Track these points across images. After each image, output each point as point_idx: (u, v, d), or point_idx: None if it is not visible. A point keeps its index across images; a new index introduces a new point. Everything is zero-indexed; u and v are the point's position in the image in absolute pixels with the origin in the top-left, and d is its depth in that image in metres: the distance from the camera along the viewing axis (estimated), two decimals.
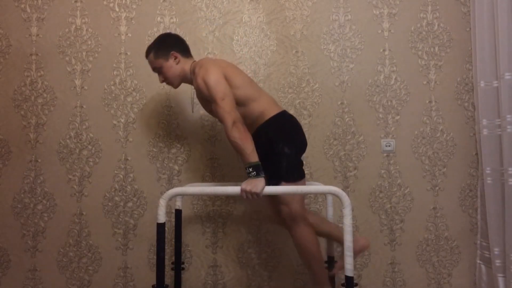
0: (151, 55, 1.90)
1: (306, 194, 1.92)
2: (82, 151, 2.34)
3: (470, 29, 2.33)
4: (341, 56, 2.36)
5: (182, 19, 2.38)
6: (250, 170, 1.63)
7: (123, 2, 2.39)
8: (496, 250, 2.11)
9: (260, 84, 2.32)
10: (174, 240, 2.12)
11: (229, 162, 2.32)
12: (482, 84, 2.20)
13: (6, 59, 2.38)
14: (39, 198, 2.33)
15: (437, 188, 2.31)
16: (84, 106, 2.36)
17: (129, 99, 2.36)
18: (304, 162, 1.95)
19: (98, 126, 2.35)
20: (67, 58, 2.37)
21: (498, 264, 2.10)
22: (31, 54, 2.37)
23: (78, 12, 2.39)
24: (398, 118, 2.33)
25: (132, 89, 2.35)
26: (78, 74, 2.37)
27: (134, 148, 2.34)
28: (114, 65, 2.36)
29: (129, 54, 2.36)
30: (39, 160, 2.34)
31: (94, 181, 2.33)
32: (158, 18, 2.38)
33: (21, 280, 2.30)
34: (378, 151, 2.32)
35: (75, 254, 2.31)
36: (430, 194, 2.31)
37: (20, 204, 2.33)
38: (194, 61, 1.94)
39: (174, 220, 2.10)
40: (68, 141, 2.34)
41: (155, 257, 1.67)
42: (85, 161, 2.33)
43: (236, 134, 1.65)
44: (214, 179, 2.33)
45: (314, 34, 2.37)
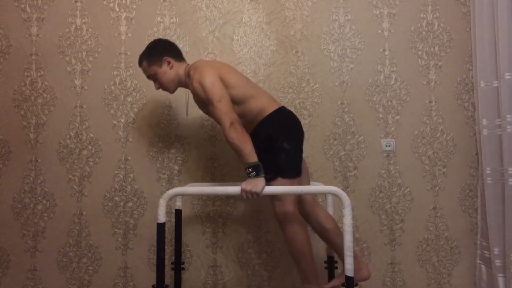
0: (144, 63, 1.89)
1: (306, 194, 1.91)
2: (82, 151, 2.34)
3: (470, 29, 2.33)
4: (341, 56, 2.36)
5: (182, 19, 2.38)
6: (250, 170, 1.63)
7: (123, 2, 2.39)
8: (496, 250, 2.11)
9: (260, 84, 2.32)
10: (174, 240, 2.12)
11: (229, 162, 2.32)
12: (482, 84, 2.20)
13: (6, 59, 2.38)
14: (39, 198, 2.33)
15: (437, 188, 2.31)
16: (84, 106, 2.36)
17: (129, 99, 2.36)
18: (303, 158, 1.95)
19: (98, 126, 2.35)
20: (67, 58, 2.37)
21: (498, 264, 2.10)
22: (31, 54, 2.37)
23: (78, 12, 2.39)
24: (398, 118, 2.33)
25: (132, 89, 2.35)
26: (78, 74, 2.37)
27: (134, 148, 2.34)
28: (114, 65, 2.36)
29: (129, 54, 2.36)
30: (39, 160, 2.34)
31: (94, 181, 2.33)
32: (158, 18, 2.38)
33: (21, 280, 2.31)
34: (378, 151, 2.32)
35: (75, 254, 2.31)
36: (430, 194, 2.31)
37: (20, 204, 2.33)
38: (188, 64, 1.93)
39: (174, 220, 2.10)
40: (68, 141, 2.34)
41: (155, 257, 1.67)
42: (85, 161, 2.33)
43: (234, 135, 1.65)
44: (214, 179, 2.33)
45: (314, 34, 2.37)
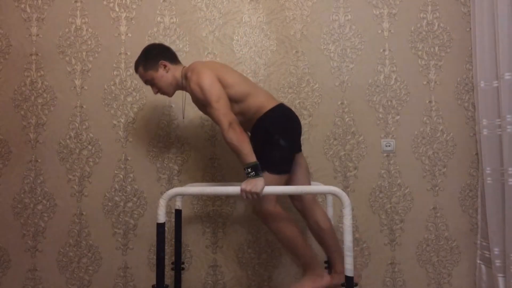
0: (141, 69, 1.89)
1: (305, 194, 1.91)
2: (82, 151, 2.34)
3: (470, 29, 2.33)
4: (341, 56, 2.36)
5: (182, 19, 2.38)
6: (249, 170, 1.63)
7: (123, 2, 2.39)
8: (496, 250, 2.11)
9: (260, 84, 2.32)
10: (174, 240, 2.12)
11: (229, 162, 2.32)
12: (482, 84, 2.20)
13: (6, 59, 2.38)
14: (39, 198, 2.33)
15: (437, 188, 2.31)
16: (84, 106, 2.36)
17: (129, 99, 2.36)
18: (301, 154, 1.96)
19: (98, 126, 2.35)
20: (67, 58, 2.37)
21: (498, 264, 2.10)
22: (31, 54, 2.37)
23: (78, 12, 2.39)
24: (398, 118, 2.33)
25: (132, 89, 2.35)
26: (78, 74, 2.37)
27: (134, 148, 2.34)
28: (114, 65, 2.36)
29: (129, 54, 2.36)
30: (39, 160, 2.34)
31: (94, 181, 2.33)
32: (158, 18, 2.38)
33: (21, 280, 2.31)
34: (378, 151, 2.32)
35: (75, 254, 2.31)
36: (430, 194, 2.31)
37: (20, 204, 2.33)
38: (184, 66, 1.93)
39: (174, 220, 2.10)
40: (68, 141, 2.34)
41: (155, 257, 1.67)
42: (85, 161, 2.33)
43: (232, 136, 1.65)
44: (214, 179, 2.33)
45: (314, 34, 2.37)
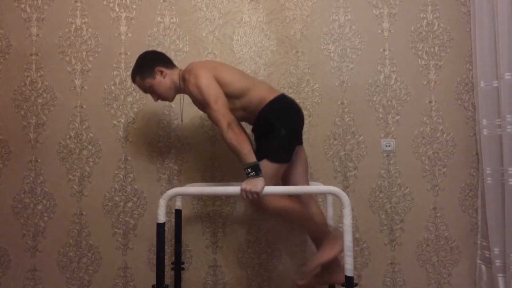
0: (138, 79, 1.88)
1: (305, 194, 1.91)
2: (82, 151, 2.34)
3: (470, 29, 2.33)
4: (341, 56, 2.36)
5: (182, 19, 2.38)
6: (249, 170, 1.63)
7: (123, 2, 2.39)
8: (496, 250, 2.11)
9: None
10: (174, 240, 2.11)
11: (229, 162, 2.32)
12: (482, 84, 2.20)
13: (6, 59, 2.38)
14: (39, 198, 2.33)
15: (437, 188, 2.31)
16: (84, 106, 2.36)
17: (129, 99, 2.36)
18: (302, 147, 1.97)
19: (98, 126, 2.35)
20: (67, 58, 2.37)
21: (498, 264, 2.10)
22: (31, 54, 2.37)
23: (78, 12, 2.39)
24: (398, 118, 2.33)
25: (132, 89, 2.35)
26: (78, 74, 2.37)
27: (134, 148, 2.34)
28: (114, 65, 2.36)
29: (129, 54, 2.36)
30: (39, 160, 2.34)
31: (94, 181, 2.33)
32: (158, 18, 2.38)
33: (21, 280, 2.30)
34: (378, 151, 2.32)
35: (75, 254, 2.31)
36: (430, 194, 2.31)
37: (20, 204, 2.33)
38: (180, 69, 1.93)
39: (174, 220, 2.10)
40: (68, 141, 2.34)
41: (155, 257, 1.67)
42: (85, 161, 2.33)
43: (231, 136, 1.66)
44: (214, 179, 2.32)
45: (314, 34, 2.37)
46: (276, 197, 1.75)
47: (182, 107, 2.14)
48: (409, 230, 2.29)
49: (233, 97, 1.80)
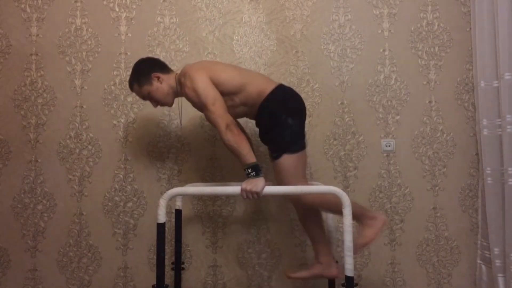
0: (135, 86, 1.88)
1: (306, 194, 1.91)
2: (82, 151, 2.34)
3: (470, 29, 2.33)
4: (341, 56, 2.36)
5: (182, 19, 2.38)
6: (249, 171, 1.63)
7: (123, 2, 2.39)
8: (496, 250, 2.11)
9: None
10: (174, 240, 2.12)
11: (229, 162, 2.32)
12: (482, 84, 2.20)
13: (6, 59, 2.38)
14: (39, 198, 2.33)
15: (437, 188, 2.31)
16: (84, 106, 2.36)
17: (129, 99, 2.35)
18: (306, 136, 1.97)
19: (98, 126, 2.35)
20: (67, 58, 2.37)
21: (498, 264, 2.10)
22: (31, 54, 2.37)
23: (78, 12, 2.39)
24: (398, 118, 2.33)
25: None
26: (78, 74, 2.37)
27: (134, 148, 2.34)
28: (114, 65, 2.36)
29: (129, 54, 2.36)
30: (39, 160, 2.34)
31: (94, 181, 2.33)
32: (158, 18, 2.38)
33: (21, 280, 2.30)
34: (378, 151, 2.32)
35: (75, 254, 2.31)
36: (430, 194, 2.31)
37: (20, 204, 2.33)
38: (176, 73, 1.92)
39: (174, 220, 2.10)
40: (68, 141, 2.34)
41: (155, 257, 1.67)
42: (85, 161, 2.33)
43: (230, 137, 1.66)
44: (214, 179, 2.32)
45: (314, 34, 2.37)
46: (319, 196, 1.79)
47: (180, 112, 2.14)
48: (409, 230, 2.29)
49: (231, 94, 1.80)
